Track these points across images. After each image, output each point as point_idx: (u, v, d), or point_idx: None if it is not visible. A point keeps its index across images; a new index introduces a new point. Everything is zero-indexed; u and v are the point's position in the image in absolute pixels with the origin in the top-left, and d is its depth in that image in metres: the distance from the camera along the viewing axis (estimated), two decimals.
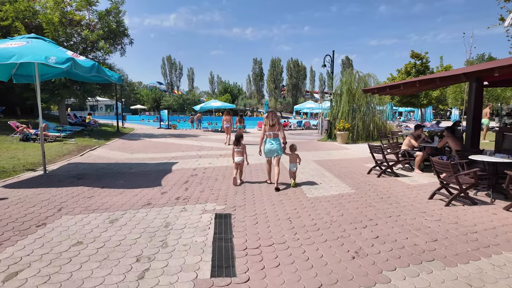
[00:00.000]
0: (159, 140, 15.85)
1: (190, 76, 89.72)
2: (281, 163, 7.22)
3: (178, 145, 13.65)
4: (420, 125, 8.66)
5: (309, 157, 10.37)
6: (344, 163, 9.27)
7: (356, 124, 14.33)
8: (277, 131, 6.38)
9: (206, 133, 21.77)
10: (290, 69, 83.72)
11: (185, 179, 6.97)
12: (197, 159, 9.80)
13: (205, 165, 8.79)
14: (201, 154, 10.77)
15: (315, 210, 4.90)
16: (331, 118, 15.20)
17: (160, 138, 17.12)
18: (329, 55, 15.10)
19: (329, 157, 10.35)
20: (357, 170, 8.11)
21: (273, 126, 6.32)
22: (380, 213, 4.76)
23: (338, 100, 14.92)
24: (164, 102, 71.63)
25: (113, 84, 19.67)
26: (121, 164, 8.72)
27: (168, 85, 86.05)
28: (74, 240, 3.68)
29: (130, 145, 13.24)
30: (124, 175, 7.37)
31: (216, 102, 25.50)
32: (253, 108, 77.45)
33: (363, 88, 9.11)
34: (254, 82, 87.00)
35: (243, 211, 4.81)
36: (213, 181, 6.82)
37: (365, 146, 13.16)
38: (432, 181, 6.82)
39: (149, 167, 8.41)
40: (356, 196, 5.67)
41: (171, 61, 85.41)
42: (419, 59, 20.94)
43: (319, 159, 9.88)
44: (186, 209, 4.92)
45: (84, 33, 15.90)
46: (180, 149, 12.25)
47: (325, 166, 8.65)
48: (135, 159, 9.61)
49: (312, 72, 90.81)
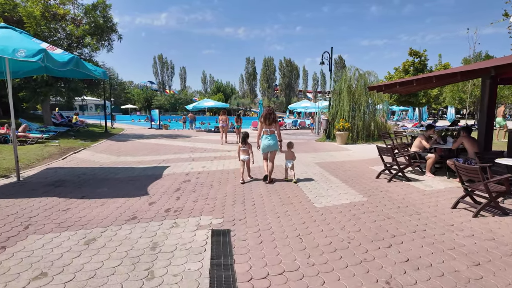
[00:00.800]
0: (149, 141, 15.05)
1: (182, 76, 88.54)
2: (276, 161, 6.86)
3: (170, 146, 12.89)
4: (432, 125, 8.11)
5: (309, 159, 9.74)
6: (348, 165, 8.66)
7: (356, 123, 13.77)
8: (273, 128, 6.59)
9: (199, 134, 21.00)
10: (283, 68, 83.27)
11: (177, 186, 6.26)
12: (190, 162, 9.08)
13: (198, 169, 8.08)
14: (194, 157, 10.04)
15: (327, 224, 4.25)
16: (330, 117, 14.61)
17: (151, 139, 16.31)
18: (328, 52, 14.53)
19: (331, 159, 9.73)
20: (364, 174, 7.50)
21: (270, 124, 6.57)
22: (402, 227, 4.13)
23: (337, 99, 14.34)
24: (156, 102, 70.38)
25: (101, 82, 18.76)
26: (106, 169, 7.95)
27: (159, 84, 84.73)
28: (37, 270, 2.96)
29: (118, 147, 12.43)
30: (108, 181, 6.61)
31: (209, 102, 24.74)
32: (246, 107, 76.70)
33: (369, 86, 8.49)
34: (247, 81, 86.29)
35: (244, 226, 4.14)
36: (208, 188, 6.12)
37: (367, 146, 12.61)
38: (448, 186, 6.25)
39: (137, 172, 7.66)
40: (370, 206, 5.04)
41: (163, 60, 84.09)
42: (417, 57, 20.53)
43: (321, 161, 9.25)
44: (178, 224, 4.22)
45: (68, 28, 14.98)
46: (172, 151, 11.50)
47: (328, 169, 8.02)
48: (122, 163, 8.84)
49: (304, 71, 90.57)
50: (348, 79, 14.06)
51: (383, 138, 10.50)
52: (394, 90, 8.90)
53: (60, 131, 15.27)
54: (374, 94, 13.79)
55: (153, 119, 26.90)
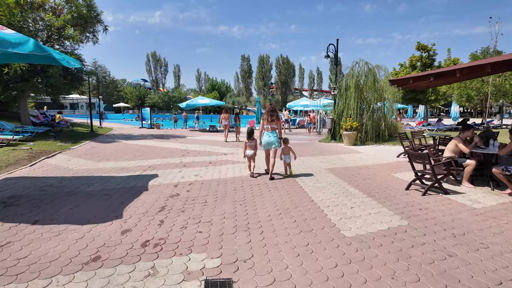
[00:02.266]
0: (137, 142, 13.68)
1: (176, 73, 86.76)
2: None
3: (159, 149, 11.56)
4: (470, 125, 6.90)
5: (317, 163, 8.50)
6: (365, 172, 7.43)
7: (364, 123, 12.57)
8: (274, 125, 6.74)
9: (193, 133, 19.66)
10: (279, 66, 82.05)
11: (162, 203, 4.97)
12: (181, 168, 7.78)
13: (190, 178, 6.78)
14: (186, 162, 8.74)
15: (368, 268, 3.00)
16: (335, 116, 13.38)
17: (139, 140, 14.94)
18: (333, 44, 13.30)
19: (342, 164, 8.50)
20: (388, 184, 6.27)
21: (272, 121, 6.72)
22: (476, 272, 2.91)
23: (343, 96, 13.12)
24: (149, 100, 68.65)
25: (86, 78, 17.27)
26: (79, 179, 6.62)
27: (153, 82, 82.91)
28: None
29: (101, 150, 11.06)
30: (76, 196, 5.30)
31: (204, 99, 23.37)
32: (242, 106, 75.33)
33: (391, 79, 7.22)
34: (242, 79, 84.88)
35: (251, 273, 2.88)
36: (200, 206, 4.84)
37: (378, 148, 11.42)
38: (500, 202, 5.05)
39: (116, 182, 6.35)
40: (416, 234, 3.81)
41: (156, 58, 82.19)
42: (425, 51, 19.39)
43: (332, 167, 8.02)
44: (157, 269, 2.95)
45: (47, 17, 13.53)
46: (161, 154, 10.18)
47: (344, 178, 6.79)
48: (100, 170, 7.51)
49: (301, 69, 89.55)
50: (355, 74, 12.85)
51: (400, 139, 9.30)
52: (427, 83, 7.71)
53: (38, 132, 13.84)
54: (384, 90, 12.62)
55: (144, 118, 25.46)
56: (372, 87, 12.60)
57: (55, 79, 13.13)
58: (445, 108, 54.06)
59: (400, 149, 10.98)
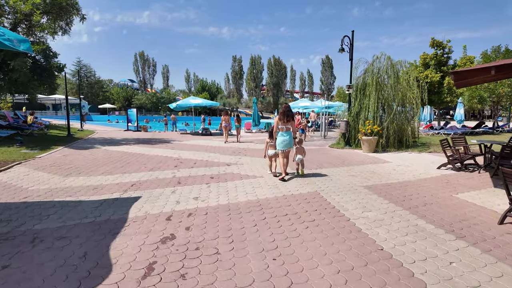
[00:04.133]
0: (119, 149, 11.67)
1: (164, 74, 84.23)
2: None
3: (146, 157, 9.61)
4: None
5: (347, 177, 6.75)
6: (416, 191, 5.71)
7: (386, 126, 10.92)
8: (289, 126, 6.62)
9: (184, 137, 17.68)
10: (271, 67, 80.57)
11: (148, 257, 3.12)
12: (174, 187, 5.90)
13: (188, 203, 4.92)
14: (180, 177, 6.85)
15: None
16: (351, 118, 11.70)
17: (123, 145, 12.91)
18: (348, 36, 11.62)
19: (378, 178, 6.77)
20: (465, 213, 4.55)
21: (287, 121, 6.59)
22: None
23: (360, 95, 11.45)
24: (136, 101, 66.06)
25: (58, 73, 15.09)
26: (29, 207, 4.66)
27: (140, 83, 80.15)
28: None
29: (73, 160, 9.05)
30: (12, 244, 3.38)
31: (197, 99, 21.38)
32: (233, 107, 73.39)
33: (454, 71, 5.44)
34: (233, 80, 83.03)
35: None
36: (211, 263, 3.00)
37: (405, 156, 9.75)
38: None
39: (82, 213, 4.43)
40: None
41: (144, 58, 79.43)
42: (440, 48, 17.99)
43: (370, 184, 6.27)
44: None
45: (12, 1, 11.42)
46: (148, 165, 8.26)
47: (397, 202, 5.04)
48: (65, 191, 5.56)
49: (292, 71, 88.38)
50: (376, 71, 11.20)
51: (442, 146, 7.66)
52: (474, 80, 6.13)
53: (1, 136, 11.67)
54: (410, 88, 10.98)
55: (130, 119, 23.32)
56: (396, 85, 10.97)
57: (19, 74, 10.97)
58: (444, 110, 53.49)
59: (434, 158, 9.39)
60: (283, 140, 6.54)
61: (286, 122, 6.59)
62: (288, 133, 6.59)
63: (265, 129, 24.00)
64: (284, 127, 6.57)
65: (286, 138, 6.54)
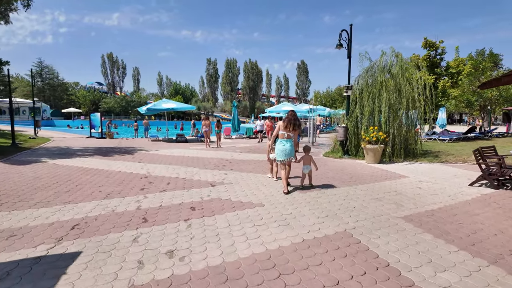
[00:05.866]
0: (73, 162, 9.42)
1: (135, 77, 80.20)
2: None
3: (105, 175, 7.54)
4: None
5: (368, 201, 5.15)
6: (474, 222, 4.19)
7: (393, 133, 9.53)
8: (291, 133, 5.93)
9: (156, 145, 15.51)
10: (247, 71, 79.17)
11: None
12: (137, 230, 3.98)
13: (157, 269, 3.04)
14: (146, 208, 4.91)
15: None
16: (350, 124, 10.23)
17: (79, 157, 10.64)
18: (346, 30, 10.20)
19: (413, 204, 5.22)
20: None
21: (294, 130, 5.91)
22: None
23: (363, 97, 9.97)
24: (104, 105, 62.03)
25: None
26: None
27: (109, 85, 75.63)
28: None
29: (4, 180, 6.82)
30: None
31: (170, 103, 19.16)
32: (208, 111, 71.00)
33: (483, 83, 4.04)
34: (208, 83, 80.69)
35: None
36: None
37: (418, 169, 8.33)
38: None
39: None
40: None
41: (113, 59, 75.05)
42: (433, 49, 17.16)
43: (408, 214, 4.67)
44: None
45: None
46: (105, 187, 6.23)
47: (468, 247, 3.46)
48: None
49: (268, 75, 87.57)
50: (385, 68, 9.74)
51: (482, 158, 6.29)
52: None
53: None
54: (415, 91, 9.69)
55: (94, 125, 20.68)
56: (405, 84, 9.61)
57: None
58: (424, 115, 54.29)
59: (452, 170, 8.09)
60: (283, 149, 5.86)
61: (293, 131, 5.91)
62: (289, 140, 5.91)
63: (246, 134, 22.26)
64: (285, 133, 5.90)
65: (287, 147, 5.85)
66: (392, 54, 10.01)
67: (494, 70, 22.63)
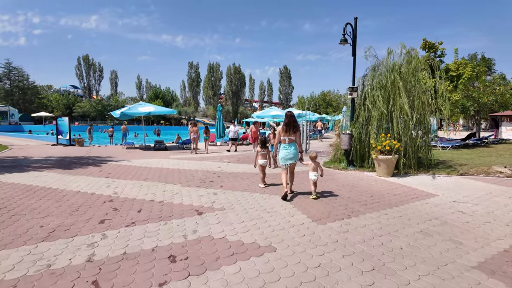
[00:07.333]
0: (21, 179, 7.57)
1: (113, 80, 77.06)
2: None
3: (55, 198, 5.81)
4: None
5: (414, 240, 3.80)
6: None
7: (405, 141, 8.32)
8: (292, 137, 5.79)
9: (130, 154, 13.70)
10: (230, 75, 77.75)
11: None
12: None
13: None
14: (103, 259, 3.31)
15: None
16: (355, 131, 8.95)
17: (33, 171, 8.76)
18: (350, 23, 8.98)
19: (473, 240, 3.90)
20: None
21: (294, 132, 5.77)
22: None
23: (371, 100, 8.70)
24: (79, 109, 58.66)
25: None
26: None
27: (84, 89, 72.03)
28: None
29: None
30: None
31: (148, 107, 17.33)
32: (190, 116, 68.83)
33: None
34: (190, 88, 78.55)
35: None
36: None
37: (442, 184, 7.05)
38: None
39: None
40: None
41: (89, 62, 71.57)
42: (433, 51, 16.36)
43: (479, 260, 3.34)
44: None
45: None
46: (50, 219, 4.56)
47: None
48: None
49: (251, 80, 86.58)
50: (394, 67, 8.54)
51: None
52: None
53: None
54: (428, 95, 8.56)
55: (61, 131, 18.51)
56: (418, 86, 8.48)
57: None
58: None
59: (480, 185, 6.90)
60: (286, 154, 5.76)
61: (292, 134, 5.77)
62: (292, 144, 5.78)
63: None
64: (286, 138, 5.77)
65: (290, 151, 5.75)
66: (402, 52, 8.85)
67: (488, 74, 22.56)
